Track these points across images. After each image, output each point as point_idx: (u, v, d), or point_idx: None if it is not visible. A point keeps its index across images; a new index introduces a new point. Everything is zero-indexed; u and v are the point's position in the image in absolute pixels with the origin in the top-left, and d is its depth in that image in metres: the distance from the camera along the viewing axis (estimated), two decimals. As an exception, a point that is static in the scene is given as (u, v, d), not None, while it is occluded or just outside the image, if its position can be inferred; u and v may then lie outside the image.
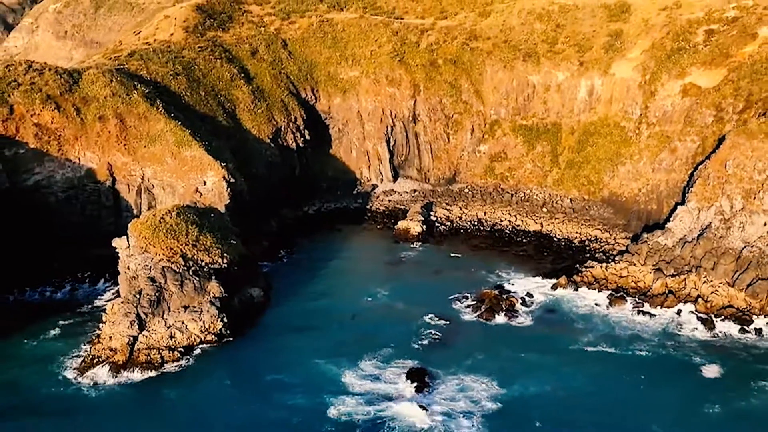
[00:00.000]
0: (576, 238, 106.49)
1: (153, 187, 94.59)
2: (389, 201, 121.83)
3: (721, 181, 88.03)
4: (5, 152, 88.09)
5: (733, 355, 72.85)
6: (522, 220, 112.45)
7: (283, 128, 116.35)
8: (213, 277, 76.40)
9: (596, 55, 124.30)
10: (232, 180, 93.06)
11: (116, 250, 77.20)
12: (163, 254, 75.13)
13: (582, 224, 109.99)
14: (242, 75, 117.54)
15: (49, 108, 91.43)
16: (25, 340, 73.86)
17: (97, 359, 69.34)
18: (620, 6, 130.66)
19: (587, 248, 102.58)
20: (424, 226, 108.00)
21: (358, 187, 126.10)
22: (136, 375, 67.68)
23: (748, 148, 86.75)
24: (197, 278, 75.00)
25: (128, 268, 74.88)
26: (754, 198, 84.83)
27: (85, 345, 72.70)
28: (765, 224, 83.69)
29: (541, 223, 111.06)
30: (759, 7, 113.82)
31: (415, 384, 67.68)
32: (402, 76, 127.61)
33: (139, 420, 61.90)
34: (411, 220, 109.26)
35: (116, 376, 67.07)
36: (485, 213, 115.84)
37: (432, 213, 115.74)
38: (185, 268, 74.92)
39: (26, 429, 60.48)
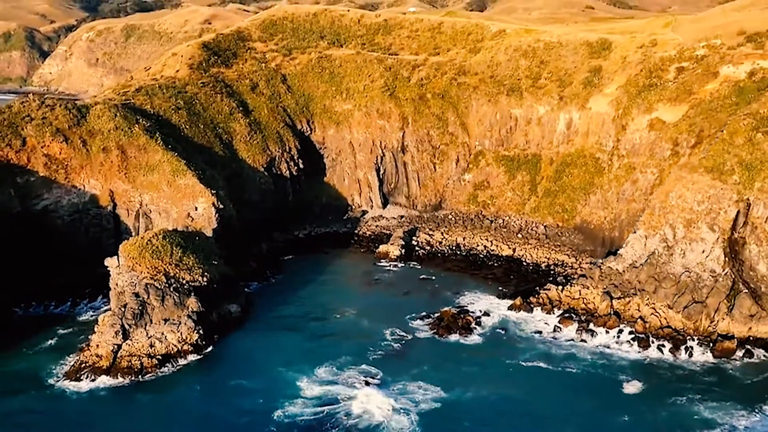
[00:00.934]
0: (544, 262, 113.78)
1: (150, 212, 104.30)
2: (376, 226, 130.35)
3: (665, 211, 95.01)
4: (17, 180, 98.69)
5: (658, 374, 79.42)
6: (497, 245, 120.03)
7: (277, 158, 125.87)
8: (192, 294, 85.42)
9: (576, 90, 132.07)
10: (221, 206, 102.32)
11: (108, 269, 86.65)
12: (148, 272, 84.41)
13: (552, 250, 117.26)
14: (241, 108, 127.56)
15: (58, 140, 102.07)
16: (24, 349, 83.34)
17: (84, 364, 78.53)
18: (601, 43, 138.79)
19: (552, 272, 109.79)
20: (403, 250, 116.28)
21: (348, 212, 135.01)
22: (117, 379, 76.56)
23: (689, 181, 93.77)
24: (177, 294, 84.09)
25: (117, 284, 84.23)
26: (694, 227, 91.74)
27: (76, 352, 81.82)
28: (702, 251, 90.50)
29: (514, 249, 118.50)
30: (724, 46, 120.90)
31: (362, 387, 75.94)
32: (392, 110, 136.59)
33: (108, 418, 70.67)
34: (392, 244, 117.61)
35: (98, 380, 76.07)
36: (464, 238, 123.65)
37: (415, 238, 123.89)
38: (167, 285, 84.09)
39: (9, 424, 69.41)
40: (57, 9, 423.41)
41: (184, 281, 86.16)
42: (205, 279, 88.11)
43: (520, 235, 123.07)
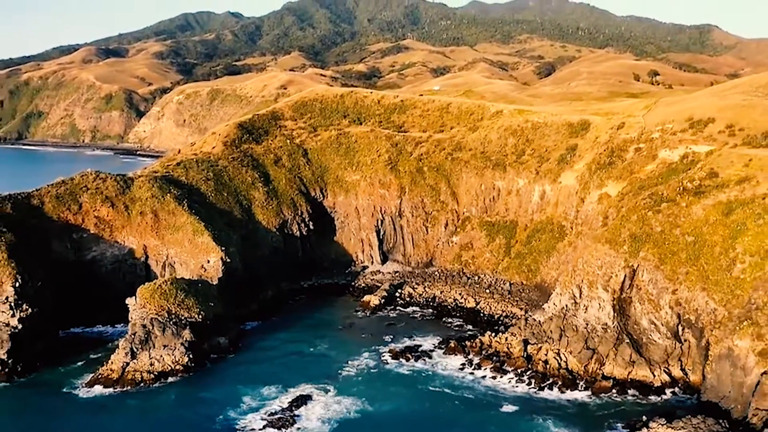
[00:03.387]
0: (498, 314, 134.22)
1: (174, 263, 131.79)
2: (372, 279, 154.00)
3: (576, 273, 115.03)
4: (73, 236, 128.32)
5: (535, 402, 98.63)
6: (465, 299, 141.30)
7: (289, 220, 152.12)
8: (188, 327, 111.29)
9: (551, 165, 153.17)
10: (228, 260, 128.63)
11: (128, 306, 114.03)
12: (155, 310, 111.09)
13: (510, 304, 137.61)
14: (262, 179, 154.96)
15: (106, 205, 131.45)
16: (59, 366, 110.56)
17: (100, 376, 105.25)
18: (581, 124, 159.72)
19: (501, 322, 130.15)
20: (383, 301, 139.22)
21: (352, 267, 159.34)
22: (124, 388, 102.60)
23: (593, 249, 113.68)
24: (175, 327, 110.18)
25: (132, 317, 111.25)
26: (594, 287, 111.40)
27: (99, 366, 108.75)
28: (599, 307, 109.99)
29: (478, 302, 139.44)
30: (670, 131, 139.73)
31: (300, 401, 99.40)
32: (392, 180, 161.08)
33: (96, 413, 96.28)
34: (375, 295, 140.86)
35: (108, 388, 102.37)
36: (441, 292, 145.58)
37: (400, 290, 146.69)
38: (168, 319, 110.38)
39: (34, 419, 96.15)
40: (155, 72, 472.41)
41: (182, 317, 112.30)
42: (200, 317, 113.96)
43: (488, 290, 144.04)
